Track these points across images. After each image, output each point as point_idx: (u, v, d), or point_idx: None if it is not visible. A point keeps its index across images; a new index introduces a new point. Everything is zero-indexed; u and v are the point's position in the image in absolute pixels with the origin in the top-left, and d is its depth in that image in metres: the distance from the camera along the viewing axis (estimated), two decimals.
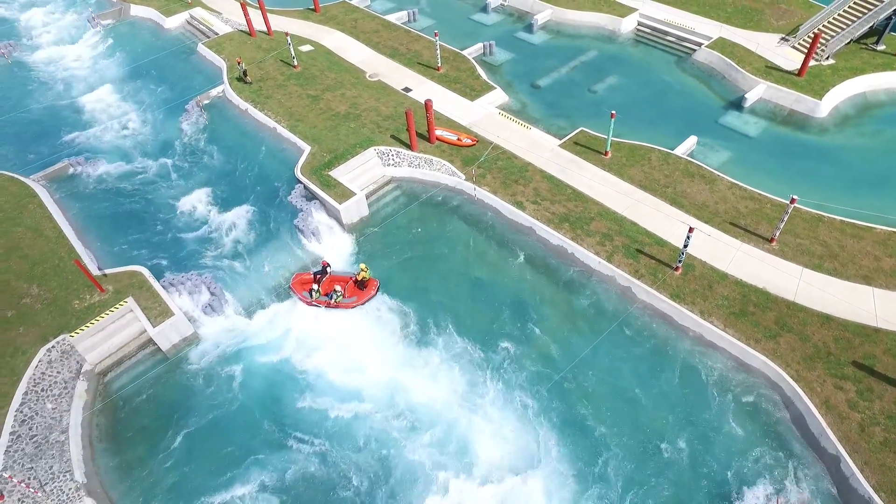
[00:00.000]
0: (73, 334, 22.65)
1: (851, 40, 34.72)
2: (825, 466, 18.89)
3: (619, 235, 25.13)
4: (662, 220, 25.64)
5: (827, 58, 34.16)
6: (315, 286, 24.32)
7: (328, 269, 24.84)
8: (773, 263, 23.62)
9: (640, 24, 40.94)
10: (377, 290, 24.46)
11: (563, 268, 25.51)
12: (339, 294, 24.00)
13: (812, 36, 34.59)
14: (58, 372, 22.08)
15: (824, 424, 18.96)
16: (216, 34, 42.04)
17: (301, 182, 29.00)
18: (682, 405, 20.81)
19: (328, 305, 24.18)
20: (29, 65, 42.59)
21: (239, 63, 36.04)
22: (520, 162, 29.20)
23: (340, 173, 28.97)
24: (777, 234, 24.10)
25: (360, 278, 24.41)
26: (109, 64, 41.89)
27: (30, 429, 20.36)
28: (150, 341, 23.59)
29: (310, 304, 24.34)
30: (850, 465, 18.06)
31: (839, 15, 35.04)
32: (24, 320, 23.15)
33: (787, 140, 31.26)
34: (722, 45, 36.56)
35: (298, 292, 24.60)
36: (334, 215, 27.93)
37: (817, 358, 20.58)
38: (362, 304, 24.14)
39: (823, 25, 34.98)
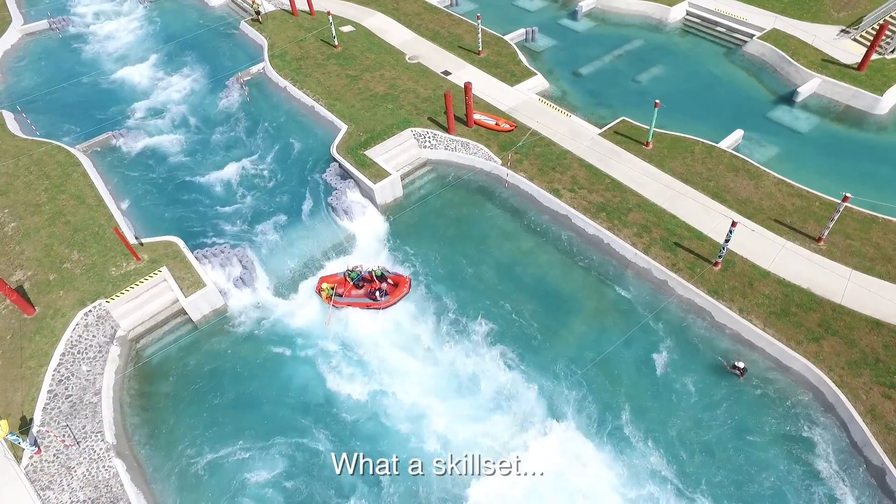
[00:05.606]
0: (109, 300, 23.17)
1: None
2: (868, 478, 17.95)
3: (658, 227, 24.33)
4: (703, 214, 24.71)
5: (892, 51, 32.26)
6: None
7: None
8: (820, 263, 22.50)
9: (689, 13, 39.51)
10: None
11: (597, 258, 24.89)
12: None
13: (877, 27, 32.70)
14: (93, 336, 22.64)
15: (869, 434, 18.02)
16: (259, 12, 42.25)
17: (336, 160, 28.99)
18: (712, 404, 20.05)
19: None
20: (79, 39, 43.63)
21: (253, 2, 39.88)
22: (558, 149, 28.54)
23: (376, 153, 28.82)
24: (825, 234, 22.94)
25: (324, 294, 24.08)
26: (154, 40, 42.60)
27: (66, 388, 20.96)
28: (182, 311, 23.96)
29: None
30: None
31: None
32: (64, 284, 23.79)
33: (841, 137, 29.72)
34: (775, 37, 34.96)
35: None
36: (368, 195, 27.82)
37: (864, 364, 19.55)
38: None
39: (891, 16, 32.99)
